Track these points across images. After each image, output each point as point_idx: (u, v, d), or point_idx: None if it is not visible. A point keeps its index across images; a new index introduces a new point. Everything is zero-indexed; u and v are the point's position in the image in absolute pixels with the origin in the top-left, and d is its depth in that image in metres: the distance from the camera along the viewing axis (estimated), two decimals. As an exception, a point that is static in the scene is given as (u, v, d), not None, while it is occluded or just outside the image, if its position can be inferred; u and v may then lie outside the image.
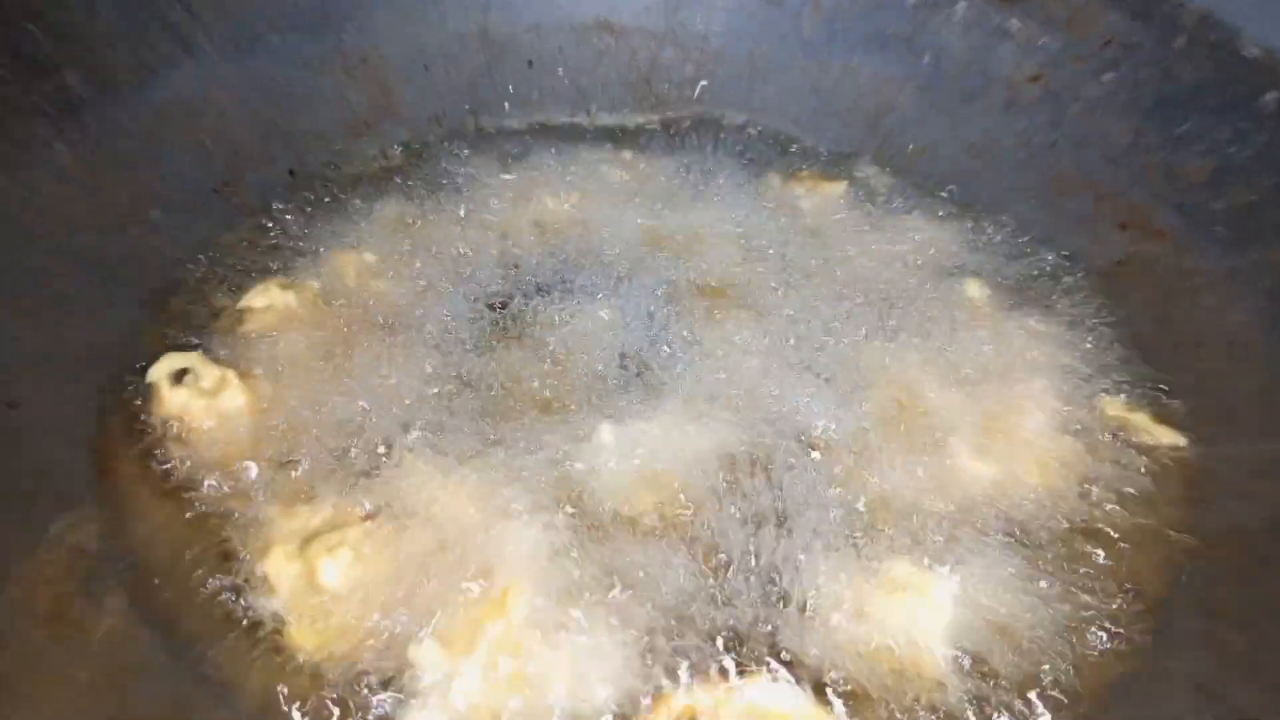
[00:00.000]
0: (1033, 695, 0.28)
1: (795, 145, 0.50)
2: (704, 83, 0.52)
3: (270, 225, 0.42)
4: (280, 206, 0.44)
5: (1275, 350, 0.37)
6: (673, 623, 0.29)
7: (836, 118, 0.51)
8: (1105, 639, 0.30)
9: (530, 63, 0.52)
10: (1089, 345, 0.39)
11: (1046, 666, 0.29)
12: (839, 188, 0.46)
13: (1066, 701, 0.28)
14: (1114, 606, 0.31)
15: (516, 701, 0.26)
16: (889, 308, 0.40)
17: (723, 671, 0.27)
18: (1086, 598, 0.31)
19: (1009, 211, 0.46)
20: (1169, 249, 0.42)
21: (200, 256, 0.41)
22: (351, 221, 0.43)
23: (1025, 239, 0.45)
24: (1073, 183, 0.46)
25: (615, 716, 0.26)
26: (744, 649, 0.29)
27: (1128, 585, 0.31)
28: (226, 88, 0.46)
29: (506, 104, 0.51)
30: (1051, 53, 0.49)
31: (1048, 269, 0.43)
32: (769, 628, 0.29)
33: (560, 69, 0.53)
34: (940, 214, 0.45)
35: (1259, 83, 0.43)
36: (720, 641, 0.29)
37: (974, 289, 0.41)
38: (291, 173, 0.44)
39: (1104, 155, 0.46)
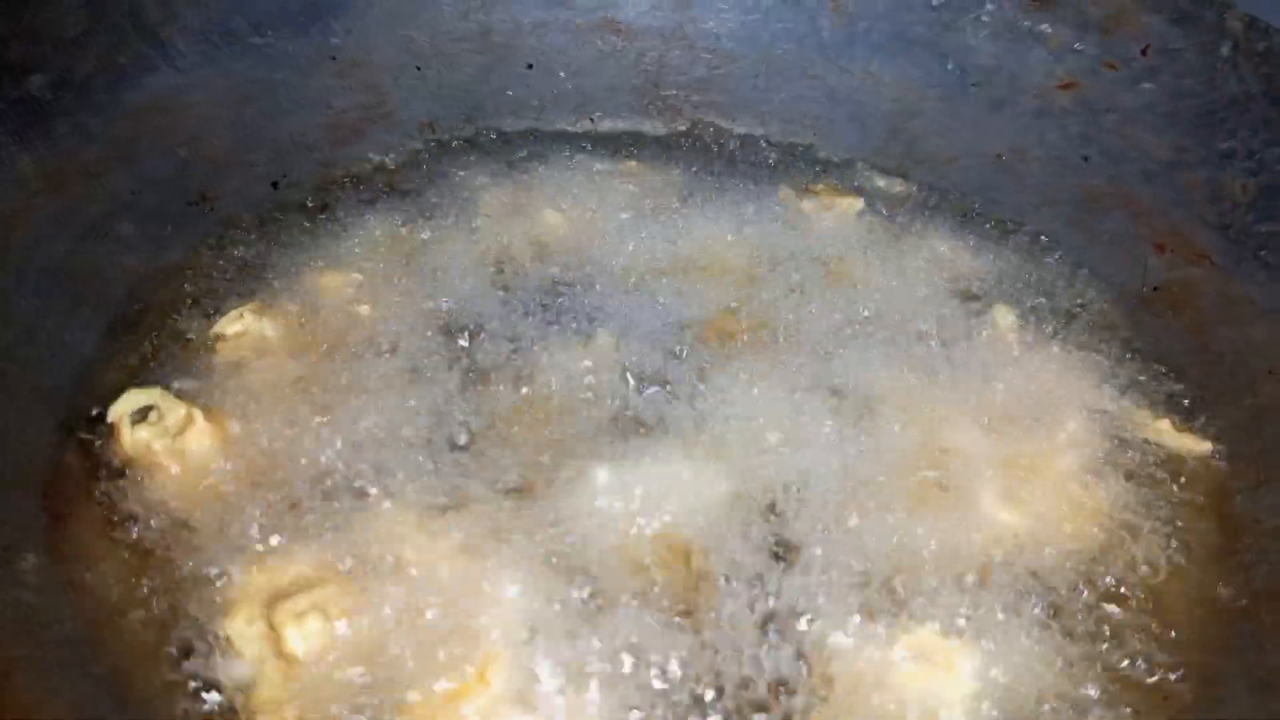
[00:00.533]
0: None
1: (810, 155, 0.48)
2: (715, 87, 0.50)
3: (249, 241, 0.40)
4: (261, 221, 0.41)
5: None
6: (676, 700, 0.26)
7: (855, 126, 0.49)
8: (1145, 713, 0.28)
9: (530, 65, 0.49)
10: (1124, 380, 0.37)
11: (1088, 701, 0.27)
12: (856, 203, 0.43)
13: None
14: (1154, 679, 0.28)
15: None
16: (909, 337, 0.37)
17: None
18: (1125, 666, 0.28)
19: (1038, 229, 0.44)
20: (1211, 274, 0.40)
21: (172, 275, 0.39)
22: (336, 238, 0.41)
23: (1056, 260, 0.43)
24: (1107, 199, 0.44)
25: None
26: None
27: (1170, 653, 0.29)
28: (205, 92, 0.46)
29: (505, 109, 0.48)
30: (1086, 59, 0.47)
31: (1079, 293, 0.41)
32: (783, 705, 0.26)
33: (562, 72, 0.51)
34: (965, 232, 0.43)
35: None
36: (730, 706, 0.27)
37: (1001, 316, 0.38)
38: (275, 184, 0.42)
39: (1141, 170, 0.44)
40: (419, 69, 0.49)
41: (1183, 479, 0.34)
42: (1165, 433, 0.35)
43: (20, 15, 0.40)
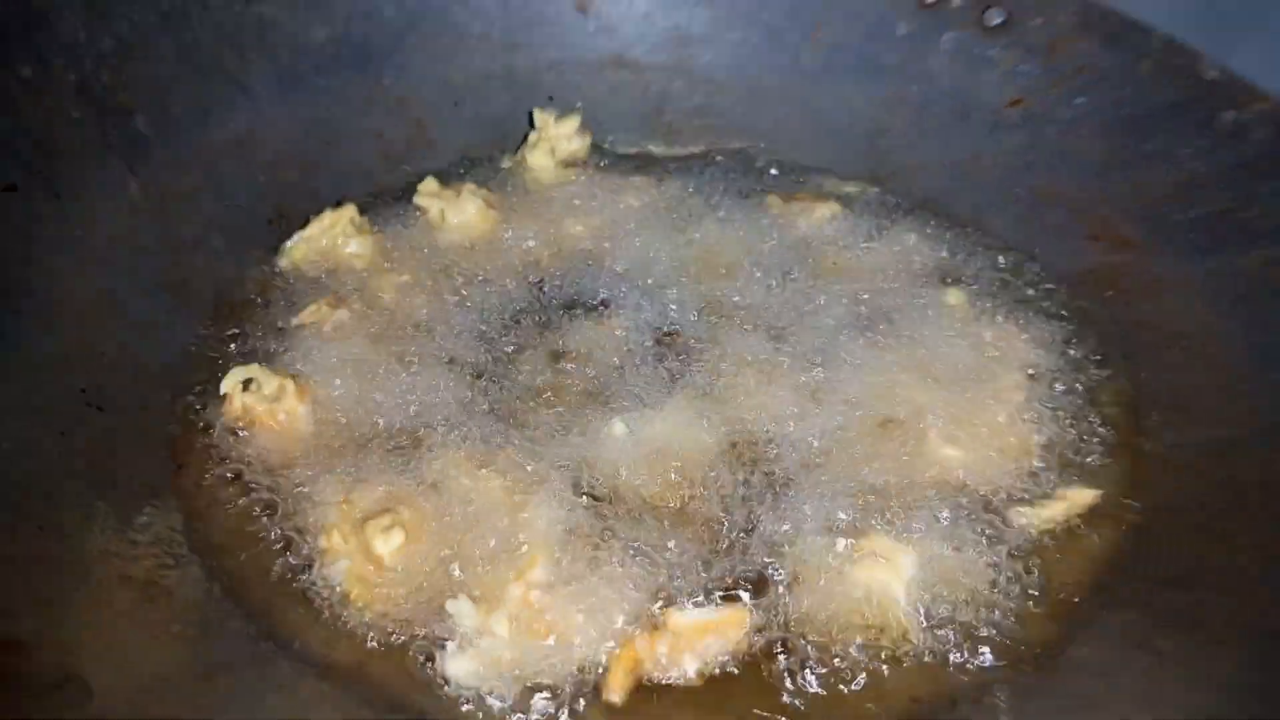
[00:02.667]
0: (984, 648, 0.32)
1: (794, 167, 0.54)
2: (711, 112, 0.57)
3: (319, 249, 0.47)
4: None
5: (1228, 349, 0.40)
6: (676, 573, 0.33)
7: (833, 142, 0.55)
8: (1053, 595, 0.34)
9: (550, 98, 0.56)
10: (1057, 345, 0.43)
11: (998, 616, 0.33)
12: (833, 207, 0.50)
13: (1010, 646, 0.32)
14: (1063, 569, 0.35)
15: (534, 646, 0.30)
16: (877, 314, 0.44)
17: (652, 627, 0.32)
18: (1037, 560, 0.35)
19: (990, 225, 0.50)
20: (1135, 257, 0.46)
21: (256, 279, 0.46)
22: (388, 245, 0.48)
23: (1004, 250, 0.48)
24: (1049, 198, 0.50)
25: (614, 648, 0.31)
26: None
27: (1077, 551, 0.35)
28: (276, 127, 0.52)
29: (529, 136, 0.55)
30: (1031, 79, 0.52)
31: (1023, 277, 0.47)
32: (753, 580, 0.33)
33: (579, 101, 0.57)
34: (927, 228, 0.49)
35: (1217, 103, 0.47)
36: (721, 589, 0.34)
37: (953, 297, 0.45)
38: (338, 203, 0.49)
39: (1078, 172, 0.50)
40: (455, 104, 0.56)
41: (1099, 422, 0.40)
42: (1087, 385, 0.41)
43: (125, 66, 0.47)
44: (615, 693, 0.30)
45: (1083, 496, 0.37)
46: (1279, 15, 0.73)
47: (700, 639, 0.31)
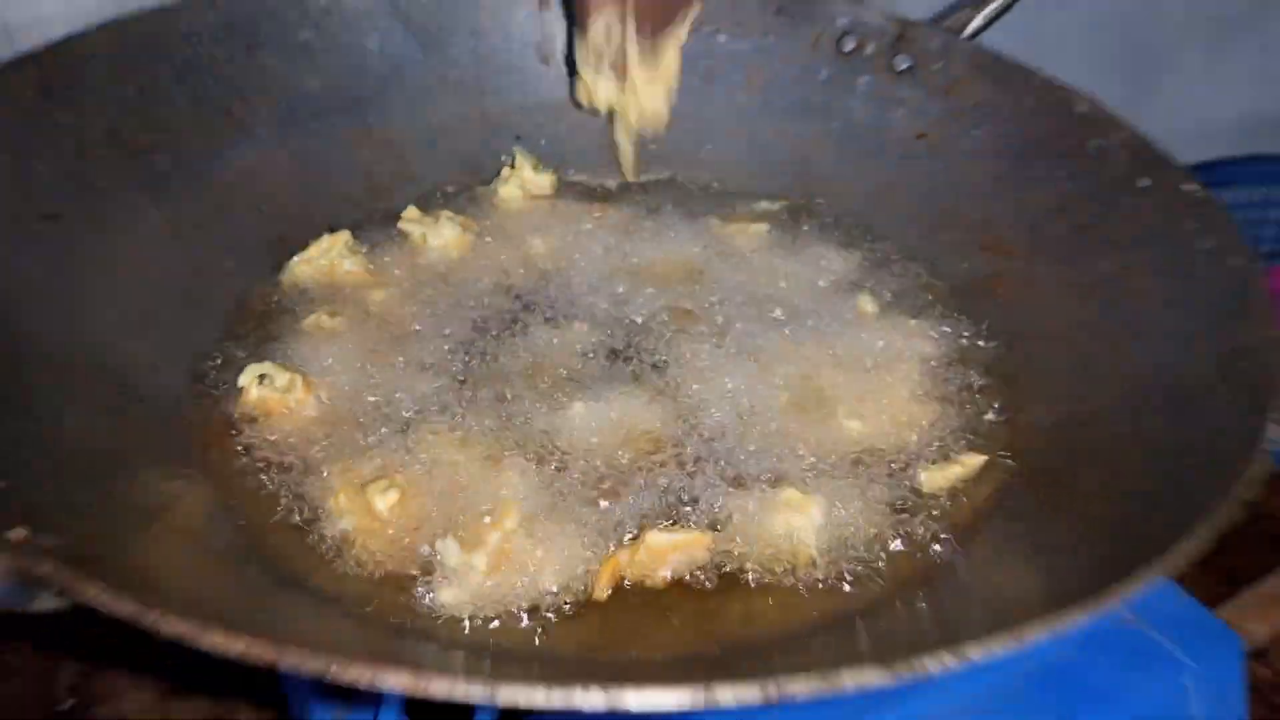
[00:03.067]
0: (879, 577, 0.39)
1: (732, 192, 0.61)
2: (658, 147, 0.65)
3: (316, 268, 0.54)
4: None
5: (1089, 339, 0.48)
6: (626, 520, 0.40)
7: (766, 170, 0.63)
8: (941, 536, 0.41)
9: (518, 136, 0.63)
10: (951, 338, 0.50)
11: (894, 548, 0.41)
12: (764, 227, 0.57)
13: (902, 574, 0.39)
14: (950, 516, 0.42)
15: (511, 578, 0.37)
16: (799, 316, 0.51)
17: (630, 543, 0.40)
18: (928, 509, 0.42)
19: (898, 239, 0.57)
20: (1017, 264, 0.54)
21: (264, 293, 0.53)
22: (377, 265, 0.55)
23: (909, 260, 0.56)
24: (949, 217, 0.57)
25: (582, 580, 0.38)
26: None
27: (963, 502, 0.43)
28: (276, 164, 0.57)
29: (500, 169, 0.63)
30: (934, 115, 0.59)
31: (925, 284, 0.54)
32: (695, 524, 0.40)
33: (542, 140, 0.64)
34: (845, 245, 0.57)
35: (1085, 133, 0.55)
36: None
37: (864, 300, 0.52)
38: (331, 229, 0.55)
39: (973, 194, 0.57)
40: (433, 142, 0.63)
41: (984, 399, 0.47)
42: (975, 372, 0.49)
43: (147, 113, 0.54)
44: (602, 591, 0.37)
45: (970, 460, 0.44)
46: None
47: (670, 555, 0.38)
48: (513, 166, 0.60)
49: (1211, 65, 1.34)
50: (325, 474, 0.41)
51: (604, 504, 0.41)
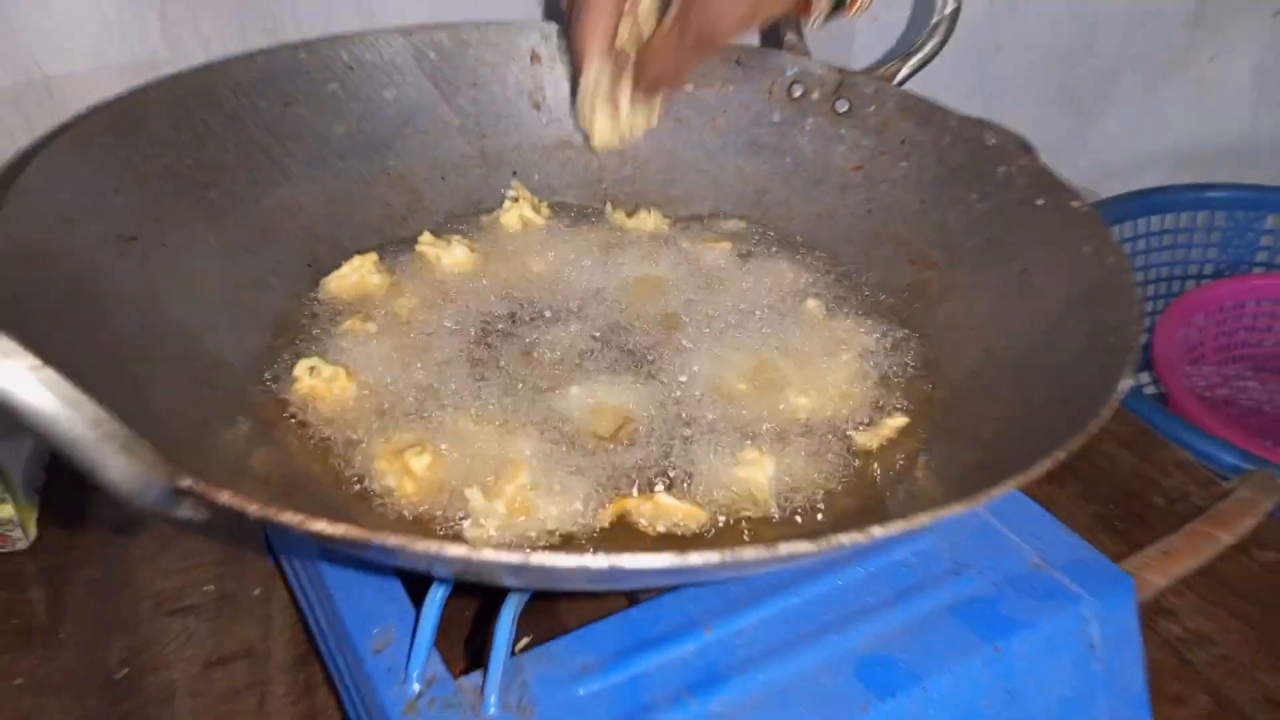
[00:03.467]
0: (821, 514, 0.48)
1: (699, 219, 0.71)
2: (637, 180, 0.74)
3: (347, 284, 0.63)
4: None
5: (990, 331, 0.56)
6: (616, 475, 0.49)
7: (728, 199, 0.72)
8: (873, 480, 0.51)
9: (515, 172, 0.73)
10: (882, 334, 0.60)
11: (835, 490, 0.50)
12: (728, 245, 0.67)
13: (840, 510, 0.48)
14: (880, 466, 0.51)
15: (524, 520, 0.46)
16: (755, 319, 0.61)
17: (644, 493, 0.48)
18: (861, 461, 0.52)
19: (840, 256, 0.66)
20: (937, 274, 0.63)
21: (305, 306, 0.61)
22: (397, 280, 0.64)
23: (849, 273, 0.65)
24: (882, 237, 0.66)
25: (582, 520, 0.47)
26: (656, 486, 0.49)
27: (891, 455, 0.52)
28: (310, 197, 0.64)
29: (498, 200, 0.72)
30: (868, 150, 0.67)
31: (863, 292, 0.64)
32: (672, 476, 0.49)
33: (536, 174, 0.73)
34: (795, 261, 0.66)
35: (995, 161, 0.64)
36: (645, 483, 0.49)
37: (811, 304, 0.62)
38: (359, 252, 0.65)
39: (901, 217, 0.65)
40: (443, 178, 0.71)
41: (907, 379, 0.56)
42: (901, 357, 0.58)
43: (201, 154, 0.63)
44: (605, 518, 0.46)
45: (896, 421, 0.53)
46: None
47: (673, 515, 0.47)
48: (512, 198, 0.70)
49: (1146, 101, 1.43)
50: (368, 444, 0.50)
51: (598, 463, 0.50)
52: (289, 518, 0.32)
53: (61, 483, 0.80)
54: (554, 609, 0.60)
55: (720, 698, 0.47)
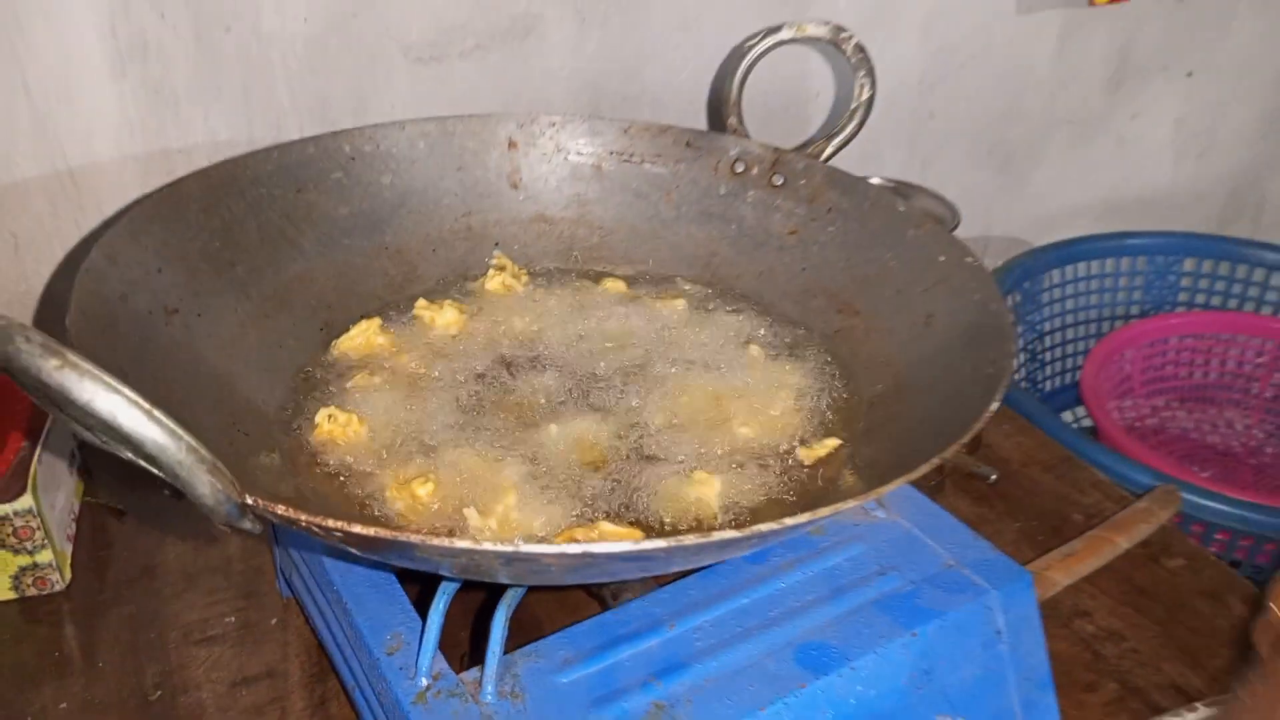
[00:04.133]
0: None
1: (657, 280, 0.79)
2: (603, 248, 0.84)
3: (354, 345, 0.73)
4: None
5: (900, 362, 0.66)
6: (588, 495, 0.58)
7: (683, 262, 0.81)
8: (806, 491, 0.60)
9: (497, 243, 0.84)
10: (815, 373, 0.69)
11: (775, 500, 0.59)
12: (682, 302, 0.77)
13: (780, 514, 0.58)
14: (811, 480, 0.61)
15: (513, 535, 0.55)
16: (706, 364, 0.70)
17: (587, 524, 0.57)
18: (797, 476, 0.61)
19: (779, 309, 0.75)
20: (860, 320, 0.73)
21: (320, 363, 0.71)
22: (398, 340, 0.74)
23: (787, 324, 0.75)
24: (813, 290, 0.75)
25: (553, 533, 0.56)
26: (619, 512, 0.58)
27: (822, 471, 0.62)
28: (321, 271, 0.72)
29: (482, 268, 0.83)
30: (801, 217, 0.75)
31: (798, 338, 0.74)
32: (634, 496, 0.59)
33: (515, 245, 0.82)
34: (740, 313, 0.76)
35: (905, 225, 0.75)
36: (613, 502, 0.58)
37: (754, 351, 0.72)
38: (364, 316, 0.75)
39: (830, 273, 0.74)
40: (434, 251, 0.81)
41: (835, 409, 0.67)
42: (831, 393, 0.68)
43: (228, 236, 0.73)
44: None
45: (829, 442, 0.63)
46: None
47: (616, 537, 0.56)
48: (495, 266, 0.80)
49: (1072, 158, 1.51)
50: (379, 477, 0.59)
51: (574, 486, 0.59)
52: (333, 524, 0.42)
53: (87, 531, 0.89)
54: (538, 620, 0.69)
55: (681, 681, 0.56)
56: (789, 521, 0.44)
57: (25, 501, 0.78)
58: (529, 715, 0.54)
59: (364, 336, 0.71)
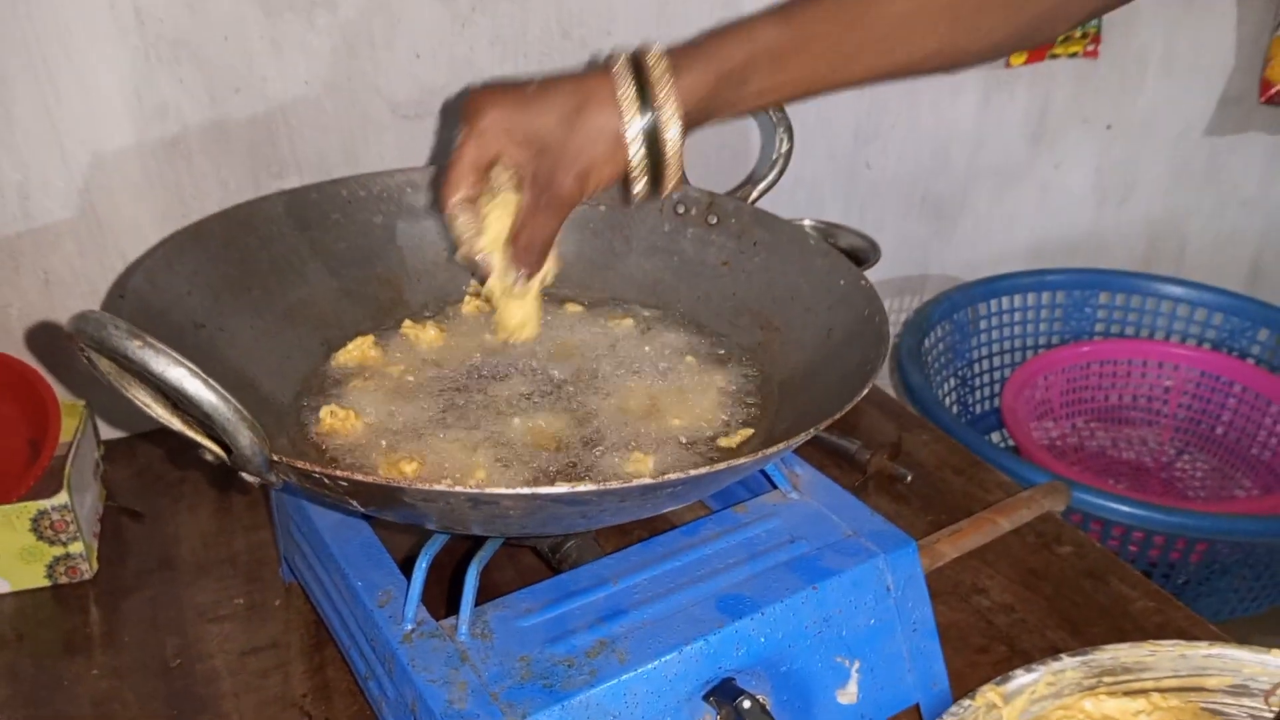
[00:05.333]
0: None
1: (609, 302, 0.92)
2: (565, 277, 0.98)
3: (350, 358, 0.86)
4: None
5: (808, 365, 0.82)
6: (546, 473, 0.71)
7: (632, 288, 0.93)
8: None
9: (472, 274, 0.98)
10: (739, 376, 0.83)
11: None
12: (630, 321, 0.90)
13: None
14: (726, 459, 0.74)
15: (484, 495, 0.68)
16: (650, 370, 0.84)
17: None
18: (714, 456, 0.74)
19: (713, 327, 0.87)
20: (778, 335, 0.87)
21: (321, 372, 0.84)
22: (388, 353, 0.87)
23: (717, 338, 0.89)
24: (741, 311, 0.86)
25: None
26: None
27: (742, 447, 0.75)
28: (322, 296, 0.84)
29: (462, 295, 0.96)
30: (732, 250, 0.84)
31: (726, 350, 0.87)
32: (581, 474, 0.72)
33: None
34: (680, 330, 0.89)
35: (813, 256, 0.89)
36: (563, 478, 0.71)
37: (690, 360, 0.85)
38: (360, 334, 0.88)
39: (755, 297, 0.82)
40: (418, 280, 0.89)
41: (752, 408, 0.81)
42: (753, 394, 0.82)
43: (244, 266, 0.86)
44: None
45: (743, 433, 0.76)
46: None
47: None
48: (471, 293, 0.94)
49: (997, 206, 1.66)
50: (373, 459, 0.72)
51: (534, 464, 0.72)
52: (340, 473, 0.55)
53: (109, 530, 1.01)
54: (500, 587, 0.81)
55: (621, 624, 0.69)
56: (693, 473, 0.57)
57: (61, 498, 0.90)
58: (495, 650, 0.67)
59: (359, 350, 0.84)
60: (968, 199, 1.58)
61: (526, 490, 0.53)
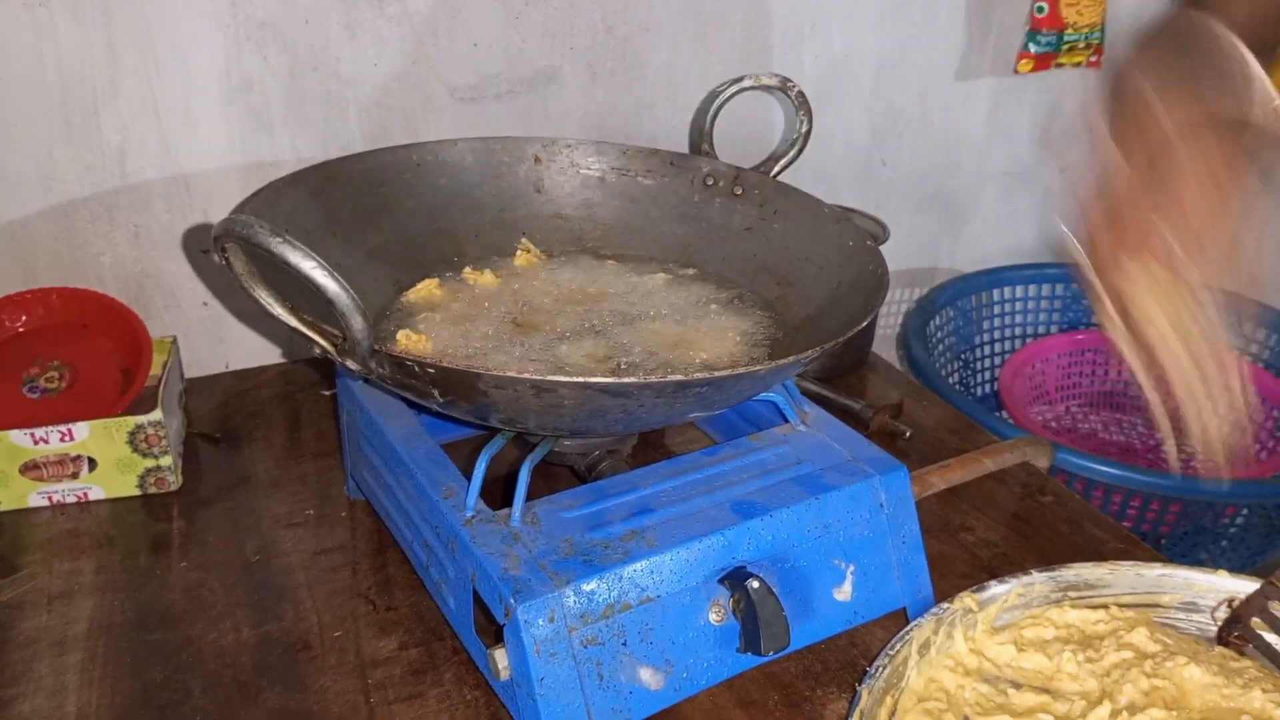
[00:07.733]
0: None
1: (644, 260, 1.05)
2: (606, 240, 1.10)
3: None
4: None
5: (819, 313, 0.93)
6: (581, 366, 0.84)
7: (665, 250, 1.05)
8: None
9: (523, 233, 1.08)
10: (758, 322, 0.95)
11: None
12: (662, 276, 1.02)
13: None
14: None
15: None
16: (680, 316, 0.96)
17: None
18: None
19: (737, 283, 0.97)
20: (794, 290, 0.99)
21: (396, 307, 0.97)
22: (451, 293, 0.99)
23: (741, 291, 1.01)
24: (762, 270, 0.94)
25: None
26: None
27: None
28: (394, 244, 0.92)
29: (515, 250, 1.09)
30: (754, 217, 0.97)
31: (748, 300, 1.00)
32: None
33: (538, 234, 1.05)
34: (706, 285, 1.02)
35: (827, 221, 1.02)
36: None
37: (715, 309, 0.97)
38: (427, 277, 1.00)
39: (775, 258, 0.93)
40: (476, 236, 1.03)
41: (769, 346, 0.93)
42: (769, 336, 0.94)
43: (330, 215, 0.99)
44: None
45: (760, 365, 0.89)
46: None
47: None
48: (523, 249, 1.06)
49: (1005, 206, 1.77)
50: (443, 372, 0.85)
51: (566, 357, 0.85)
52: (429, 359, 0.67)
53: (191, 452, 1.14)
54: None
55: (649, 519, 0.80)
56: (718, 373, 0.69)
57: (156, 415, 1.03)
58: (543, 533, 0.78)
59: (427, 289, 0.97)
60: (975, 199, 1.69)
61: (580, 379, 0.65)
